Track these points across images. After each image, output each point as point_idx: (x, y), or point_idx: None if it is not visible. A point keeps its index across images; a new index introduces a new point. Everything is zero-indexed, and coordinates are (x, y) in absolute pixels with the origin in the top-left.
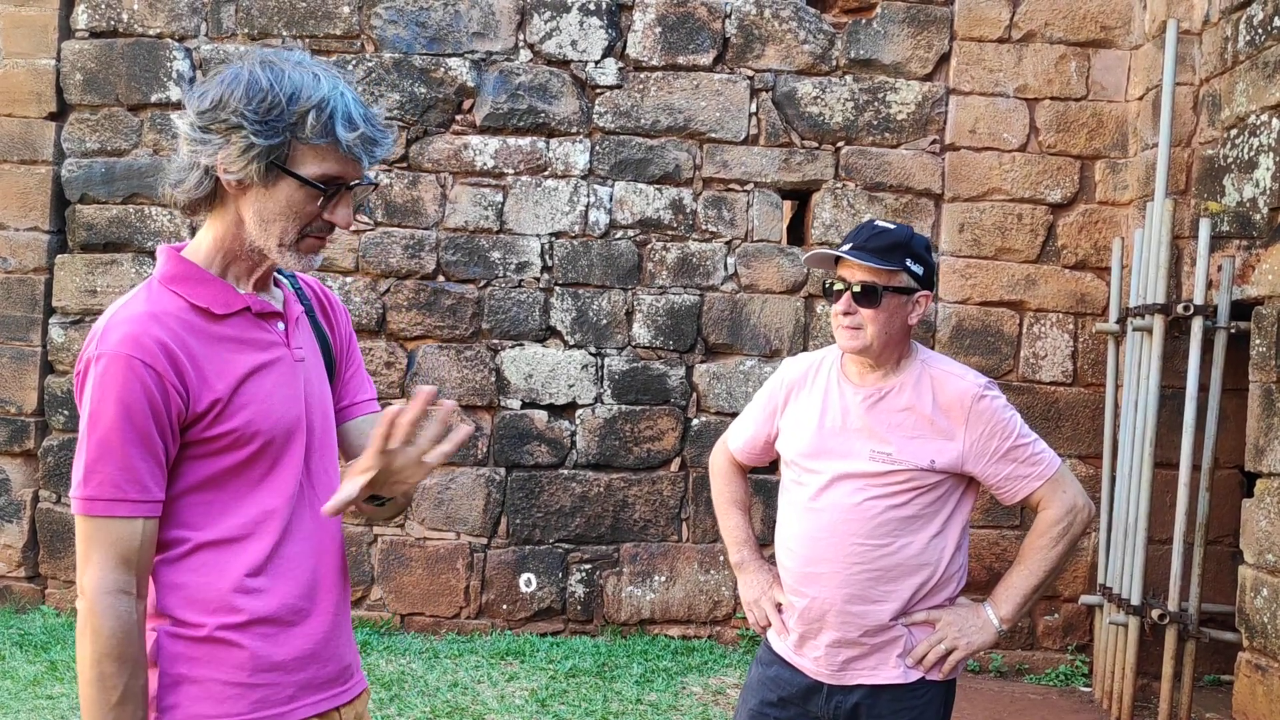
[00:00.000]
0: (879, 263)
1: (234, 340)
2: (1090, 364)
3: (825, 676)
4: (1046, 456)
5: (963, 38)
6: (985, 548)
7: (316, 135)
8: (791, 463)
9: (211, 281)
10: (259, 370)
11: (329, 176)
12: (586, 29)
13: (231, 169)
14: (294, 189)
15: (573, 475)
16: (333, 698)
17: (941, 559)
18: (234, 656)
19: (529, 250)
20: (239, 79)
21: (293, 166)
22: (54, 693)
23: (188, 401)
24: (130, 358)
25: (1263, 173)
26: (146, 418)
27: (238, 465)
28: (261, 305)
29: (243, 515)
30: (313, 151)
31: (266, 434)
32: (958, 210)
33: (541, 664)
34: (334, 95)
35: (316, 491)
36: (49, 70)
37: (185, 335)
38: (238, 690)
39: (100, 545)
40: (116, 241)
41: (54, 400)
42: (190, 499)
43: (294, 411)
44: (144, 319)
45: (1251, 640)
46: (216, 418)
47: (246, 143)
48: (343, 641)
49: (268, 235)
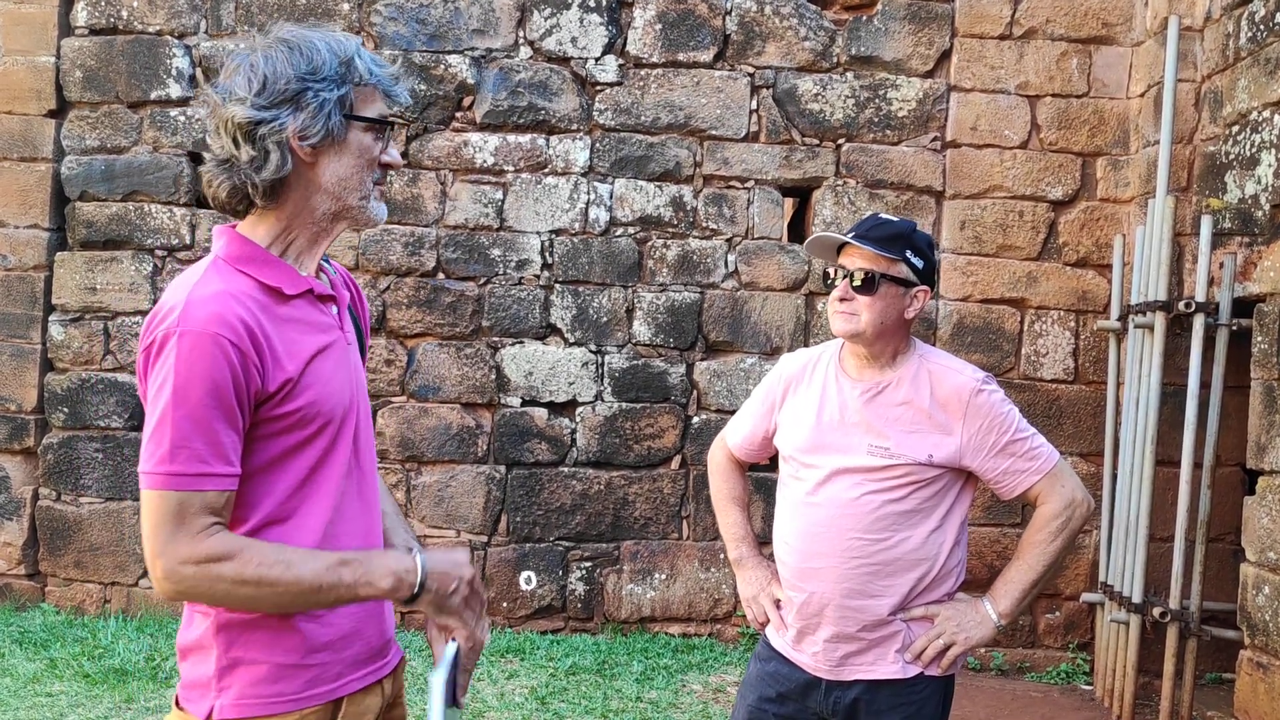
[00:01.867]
0: (880, 250)
1: (299, 321)
2: (1091, 361)
3: (824, 672)
4: (1045, 451)
5: (964, 34)
6: (986, 545)
7: (368, 76)
8: (790, 458)
9: (277, 263)
10: (322, 351)
11: (384, 115)
12: (587, 26)
13: (310, 133)
14: (361, 135)
15: (573, 473)
16: (375, 671)
17: (940, 554)
18: (287, 639)
19: (529, 248)
20: (271, 56)
21: (358, 112)
22: (53, 690)
23: (264, 380)
24: (217, 335)
25: (1264, 169)
26: (230, 394)
27: (299, 444)
28: (321, 288)
29: (299, 495)
30: (365, 95)
31: (326, 414)
32: (959, 207)
33: (542, 662)
34: (357, 43)
35: (363, 472)
36: (49, 67)
37: (260, 315)
38: (290, 670)
39: (188, 517)
40: (116, 239)
41: (54, 398)
42: (253, 478)
43: (348, 393)
44: (224, 297)
45: (1253, 638)
46: (285, 397)
47: (318, 101)
48: (384, 616)
49: (349, 192)
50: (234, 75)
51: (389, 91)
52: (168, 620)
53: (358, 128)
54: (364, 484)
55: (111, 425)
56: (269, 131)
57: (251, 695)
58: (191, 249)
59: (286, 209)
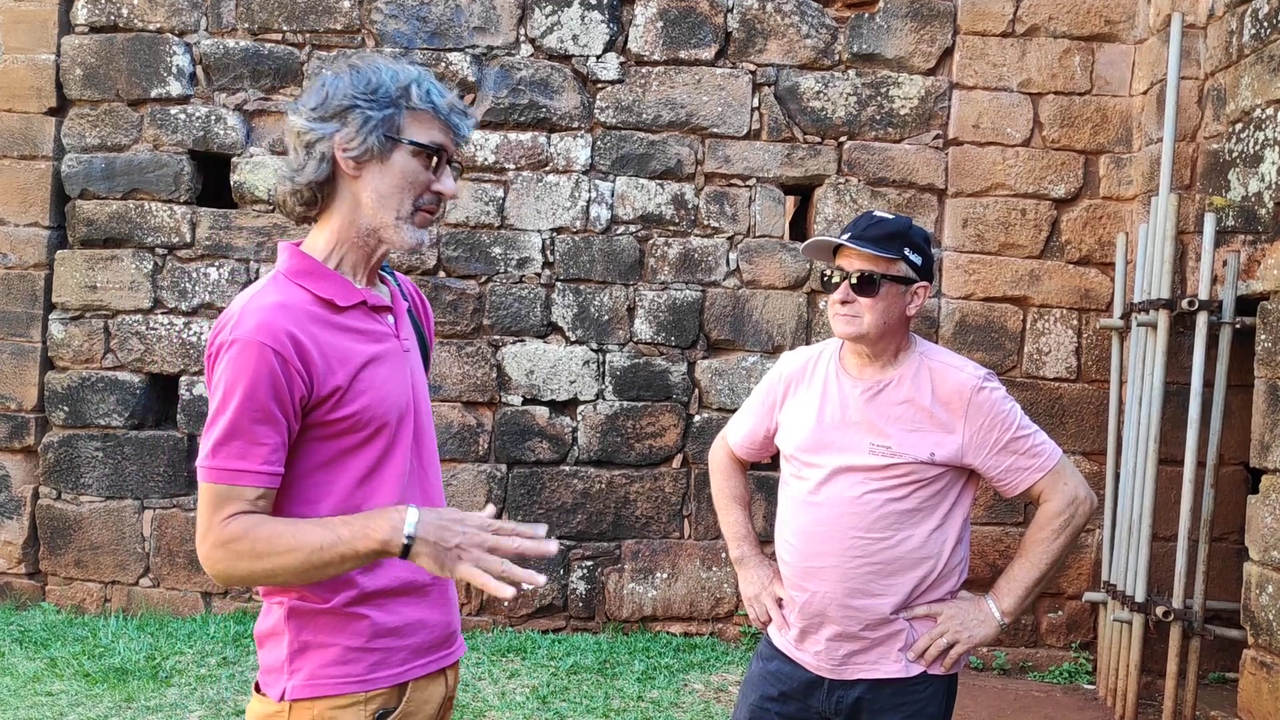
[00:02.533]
0: (878, 251)
1: (353, 331)
2: (1094, 360)
3: (826, 671)
4: (1047, 448)
5: (966, 32)
6: (989, 545)
7: (421, 102)
8: (791, 457)
9: (332, 276)
10: (374, 360)
11: (436, 143)
12: (588, 23)
13: (351, 146)
14: (407, 157)
15: (574, 472)
16: (439, 660)
17: (942, 552)
18: (355, 625)
19: (530, 246)
20: (340, 76)
21: (404, 135)
22: (53, 689)
23: (311, 386)
24: (261, 344)
25: (1268, 167)
26: (270, 399)
27: (355, 447)
28: (375, 299)
29: (360, 494)
30: (418, 120)
31: (381, 419)
32: (961, 205)
33: (543, 661)
34: (424, 74)
35: (425, 472)
36: (49, 65)
37: (311, 325)
38: (356, 654)
39: (222, 507)
40: (116, 237)
41: (54, 396)
42: (314, 478)
43: (404, 398)
44: (275, 309)
45: (1257, 637)
46: (338, 403)
47: (362, 118)
48: (449, 609)
49: (385, 210)
50: (309, 93)
51: (448, 121)
52: (168, 619)
53: (403, 149)
54: (427, 484)
55: (112, 424)
56: (317, 140)
57: (321, 676)
58: (191, 247)
59: (336, 222)
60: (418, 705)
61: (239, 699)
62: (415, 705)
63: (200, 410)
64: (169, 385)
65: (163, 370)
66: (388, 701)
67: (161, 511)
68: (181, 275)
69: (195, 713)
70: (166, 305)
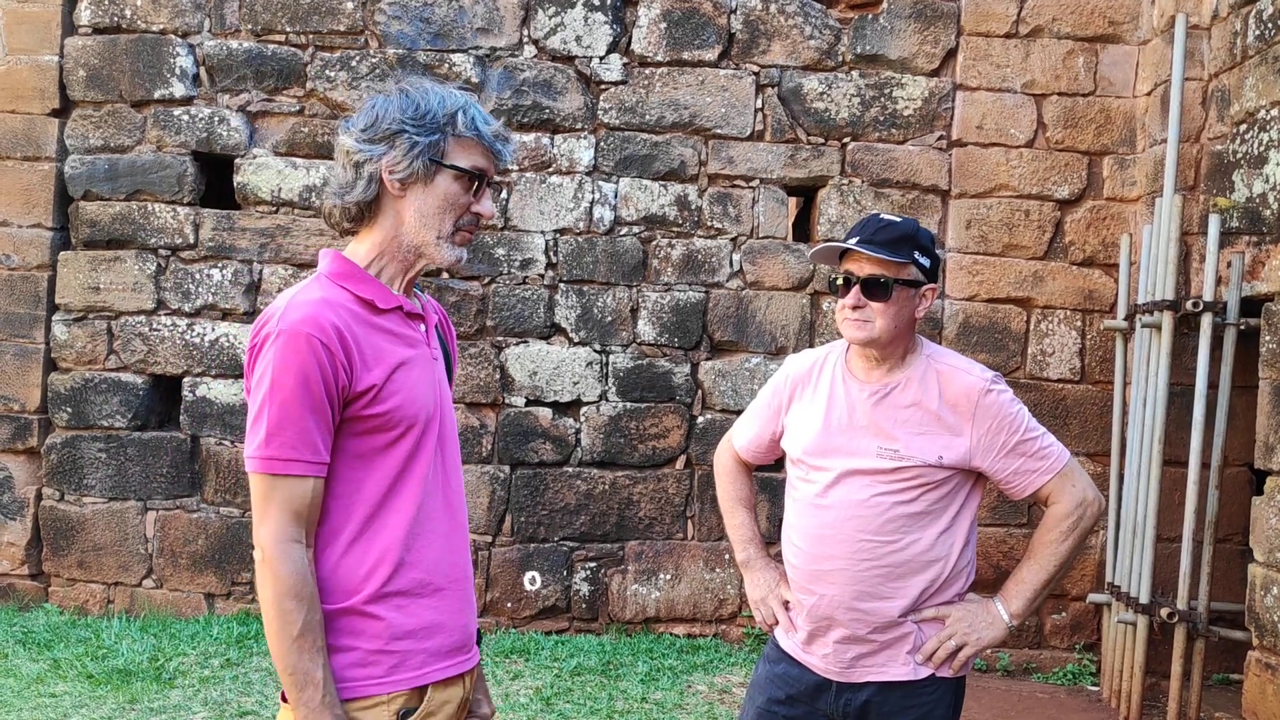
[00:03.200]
0: (889, 255)
1: (390, 333)
2: (1098, 361)
3: (834, 674)
4: (1055, 450)
5: (970, 33)
6: (992, 546)
7: (467, 129)
8: (798, 460)
9: (372, 280)
10: (407, 362)
11: (478, 168)
12: (591, 24)
13: (397, 169)
14: (450, 181)
15: (577, 473)
16: (457, 664)
17: (950, 555)
18: (373, 626)
19: (533, 247)
20: (390, 100)
21: (448, 160)
22: (57, 690)
23: (351, 380)
24: (310, 335)
25: (1273, 168)
26: (320, 388)
27: (386, 446)
28: (410, 306)
29: (390, 491)
30: (462, 146)
31: (410, 419)
32: (965, 206)
33: (546, 662)
34: (471, 101)
35: (448, 477)
36: (52, 66)
37: (352, 323)
38: (376, 656)
39: (277, 501)
40: (120, 238)
41: (57, 397)
42: (345, 474)
43: (432, 403)
44: (320, 304)
45: (1261, 639)
46: (373, 399)
47: (410, 143)
48: (466, 613)
49: (427, 229)
50: (360, 114)
51: (491, 148)
52: (171, 621)
53: (446, 173)
54: (449, 489)
55: (115, 425)
56: (365, 161)
57: (342, 679)
58: (194, 248)
59: (379, 236)
60: (438, 705)
61: (242, 700)
62: (436, 705)
63: (203, 412)
64: (172, 386)
65: (166, 371)
66: (409, 702)
67: (164, 513)
68: (184, 276)
69: (199, 714)
70: (169, 306)
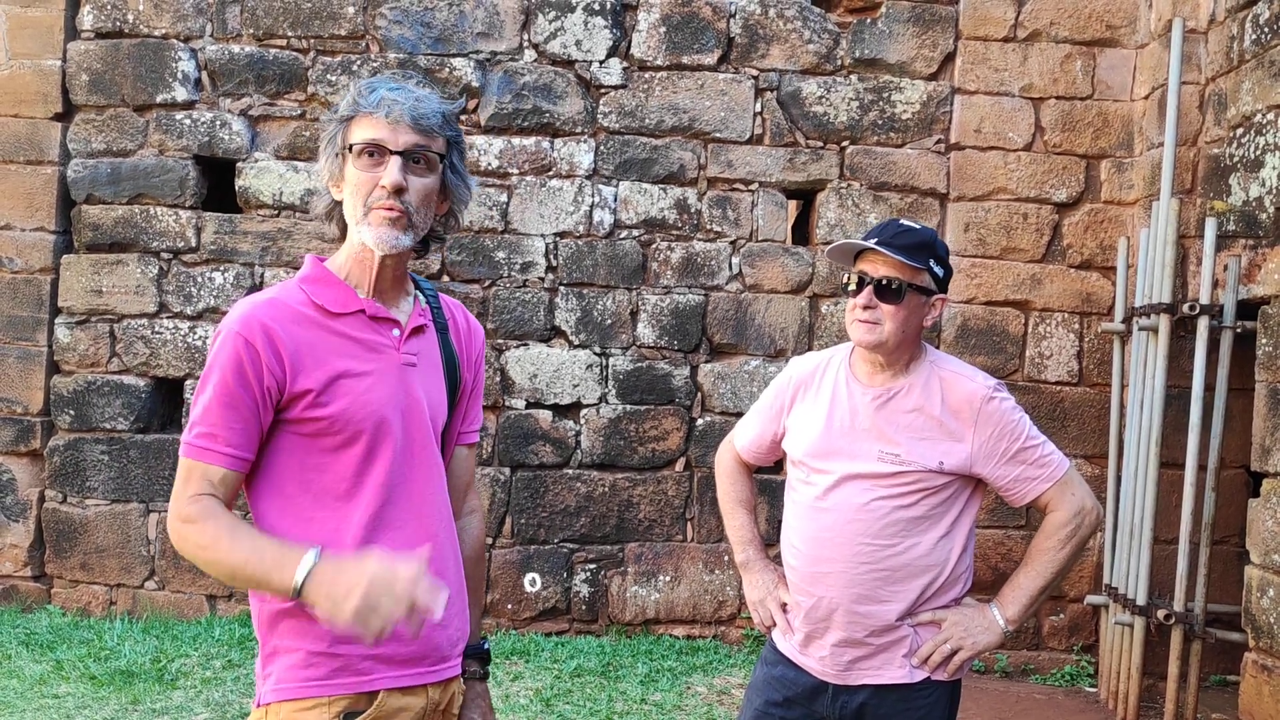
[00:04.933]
0: (906, 258)
1: (344, 337)
2: (1096, 364)
3: (831, 676)
4: (1055, 458)
5: (968, 37)
6: (990, 548)
7: (351, 108)
8: (799, 462)
9: (336, 284)
10: (359, 367)
11: (372, 140)
12: (591, 29)
13: (327, 172)
14: (353, 162)
15: (577, 475)
16: (419, 674)
17: (948, 560)
18: (316, 628)
19: (534, 250)
20: None
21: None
22: (59, 692)
23: (283, 381)
24: (237, 334)
25: (1269, 172)
26: (237, 385)
27: (334, 450)
28: (376, 310)
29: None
30: (357, 126)
31: (357, 425)
32: (963, 210)
33: (546, 664)
34: (377, 81)
35: (413, 487)
36: (55, 71)
37: (293, 324)
38: (319, 658)
39: (190, 482)
40: (122, 242)
41: (60, 400)
42: (296, 476)
43: (389, 410)
44: (262, 304)
45: (1258, 640)
46: (313, 402)
47: (326, 142)
48: (433, 626)
49: (352, 219)
50: None
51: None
52: (173, 622)
53: (349, 157)
54: (419, 498)
55: (117, 427)
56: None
57: (287, 680)
58: (196, 251)
59: (344, 240)
60: (391, 711)
61: (244, 701)
62: (388, 711)
63: None
64: (174, 389)
65: (168, 374)
66: (355, 704)
67: (167, 515)
68: (186, 279)
69: (201, 715)
70: (171, 309)
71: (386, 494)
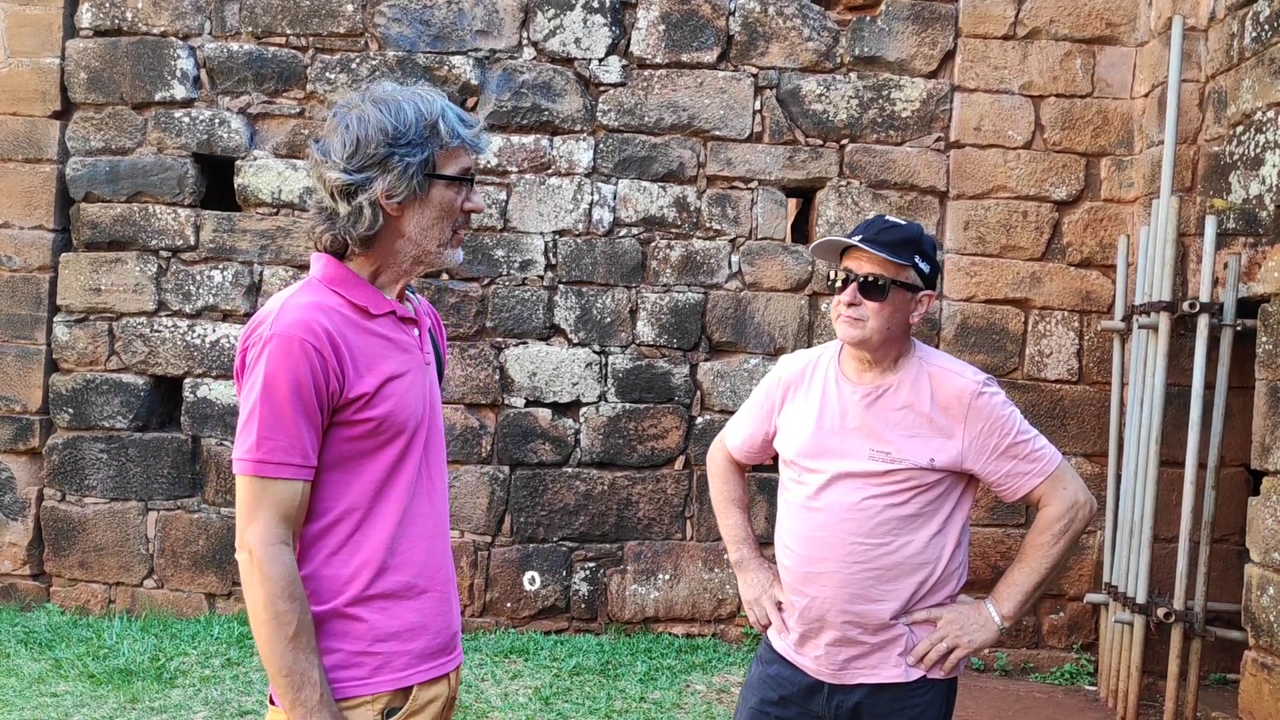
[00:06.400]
0: (889, 255)
1: (383, 338)
2: (1096, 362)
3: (826, 675)
4: (1047, 453)
5: (968, 34)
6: (990, 546)
7: (451, 139)
8: (791, 462)
9: (365, 286)
10: (399, 368)
11: (466, 170)
12: (590, 27)
13: (395, 193)
14: (443, 190)
15: (577, 473)
16: (441, 665)
17: (941, 557)
18: (357, 628)
19: (533, 248)
20: (366, 120)
21: (440, 172)
22: (58, 690)
23: (343, 386)
24: (303, 340)
25: (1269, 169)
26: (311, 393)
27: (373, 450)
28: (404, 311)
29: (376, 495)
30: (448, 154)
31: (400, 425)
32: (962, 208)
33: (545, 662)
34: (445, 105)
35: (433, 481)
36: (53, 69)
37: (344, 328)
38: (359, 658)
39: (266, 504)
40: (121, 240)
41: (58, 398)
42: (330, 477)
43: (422, 409)
44: (313, 309)
45: (1258, 639)
46: (365, 405)
47: (403, 165)
48: (448, 614)
49: (429, 240)
50: (332, 135)
51: (474, 147)
52: (172, 621)
53: (439, 184)
54: (434, 494)
55: (116, 426)
56: (355, 188)
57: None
58: (195, 250)
59: (376, 253)
60: (423, 704)
61: (243, 700)
62: (420, 704)
63: (204, 412)
64: (173, 387)
65: (167, 372)
66: (394, 701)
67: (165, 513)
68: (185, 278)
69: (200, 714)
70: (170, 308)
71: (414, 489)
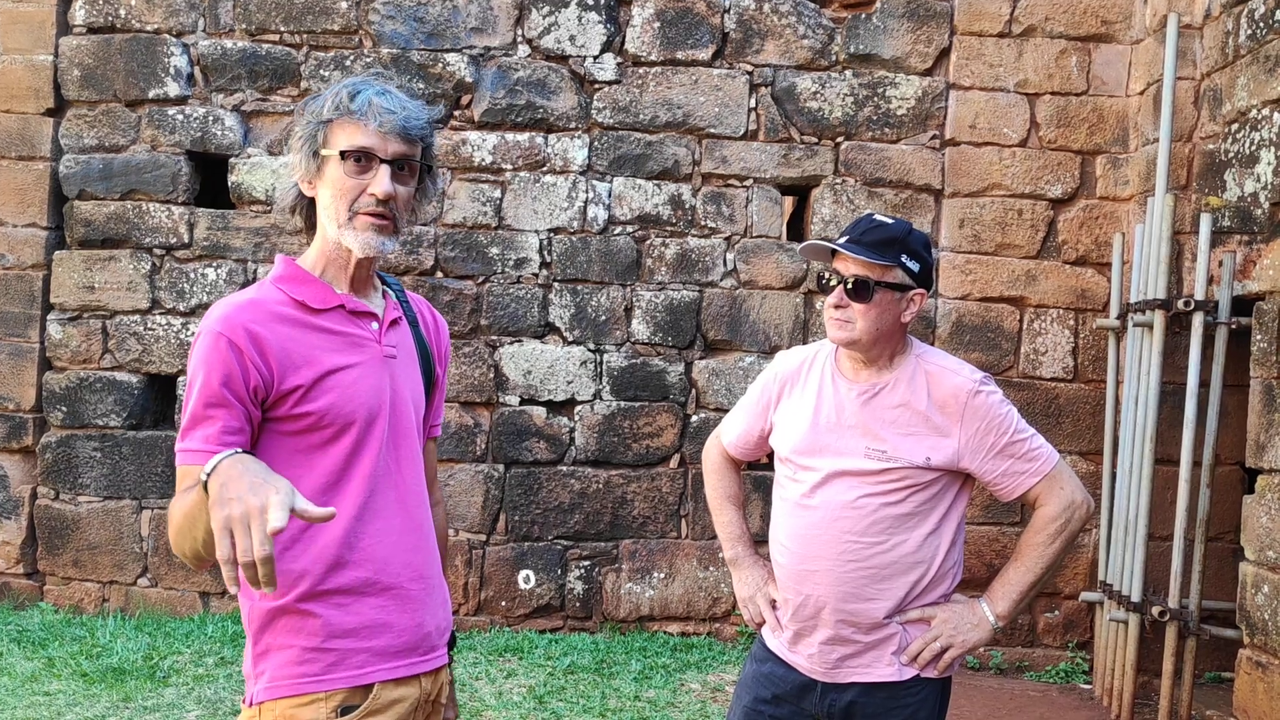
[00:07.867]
0: (873, 257)
1: (328, 332)
2: (1091, 360)
3: (819, 674)
4: (1044, 452)
5: (963, 32)
6: (985, 544)
7: (336, 111)
8: (786, 459)
9: (313, 282)
10: (345, 360)
11: (359, 147)
12: (585, 24)
13: (297, 172)
14: (334, 167)
15: (571, 472)
16: (411, 665)
17: (936, 556)
18: (310, 625)
19: (527, 246)
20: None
21: (329, 148)
22: (51, 689)
23: (270, 379)
24: (218, 334)
25: (1264, 167)
26: (222, 384)
27: (322, 445)
28: (355, 304)
29: (330, 489)
30: (341, 129)
31: (346, 419)
32: (958, 206)
33: (540, 661)
34: (360, 84)
35: (403, 477)
36: (46, 66)
37: (276, 323)
38: (313, 654)
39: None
40: (114, 238)
41: (52, 397)
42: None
43: (377, 401)
44: (243, 305)
45: (1252, 637)
46: (302, 399)
47: (300, 141)
48: (420, 613)
49: (330, 221)
50: None
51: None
52: (165, 619)
53: (332, 160)
54: (403, 490)
55: (110, 424)
56: (290, 170)
57: (280, 678)
58: (189, 247)
59: (318, 238)
60: (386, 704)
61: (236, 698)
62: (383, 703)
63: None
64: (167, 385)
65: (160, 370)
66: (350, 698)
67: (159, 511)
68: (179, 276)
69: (193, 712)
70: (164, 306)
71: (374, 484)
